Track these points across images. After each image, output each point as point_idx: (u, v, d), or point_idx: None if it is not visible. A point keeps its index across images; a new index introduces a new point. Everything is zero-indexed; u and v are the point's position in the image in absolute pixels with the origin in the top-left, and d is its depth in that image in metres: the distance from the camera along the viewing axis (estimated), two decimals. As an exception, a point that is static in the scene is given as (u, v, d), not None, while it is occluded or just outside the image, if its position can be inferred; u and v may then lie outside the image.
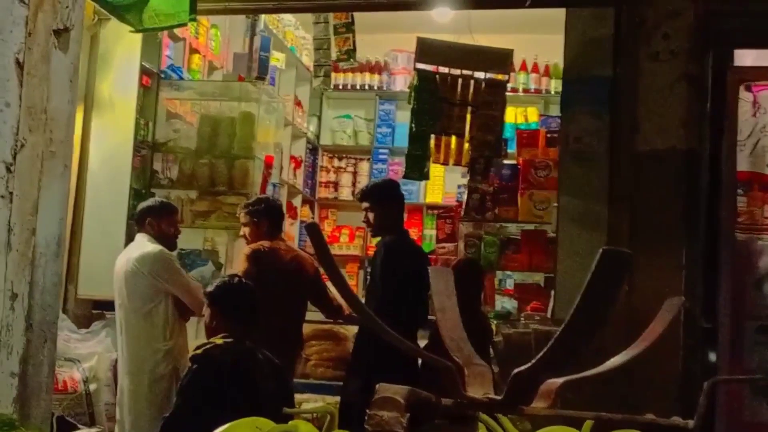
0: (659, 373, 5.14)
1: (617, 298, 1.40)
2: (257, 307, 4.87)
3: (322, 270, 6.28)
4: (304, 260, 6.41)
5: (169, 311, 6.21)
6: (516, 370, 1.51)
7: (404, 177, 7.40)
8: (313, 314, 6.73)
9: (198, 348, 4.68)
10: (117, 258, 6.39)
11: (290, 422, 2.03)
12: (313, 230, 1.51)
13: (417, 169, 7.19)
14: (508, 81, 7.92)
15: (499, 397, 1.55)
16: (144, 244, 6.33)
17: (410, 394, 1.47)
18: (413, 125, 7.15)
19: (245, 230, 6.48)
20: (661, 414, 1.63)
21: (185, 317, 6.33)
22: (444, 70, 7.22)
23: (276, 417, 2.26)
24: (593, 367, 1.74)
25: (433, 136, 7.31)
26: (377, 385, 1.48)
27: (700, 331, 5.31)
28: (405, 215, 6.71)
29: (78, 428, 5.86)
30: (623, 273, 1.40)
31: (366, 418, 1.46)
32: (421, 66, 7.21)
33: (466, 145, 7.54)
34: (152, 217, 6.38)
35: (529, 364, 1.49)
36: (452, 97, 7.23)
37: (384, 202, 6.16)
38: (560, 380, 1.57)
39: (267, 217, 6.42)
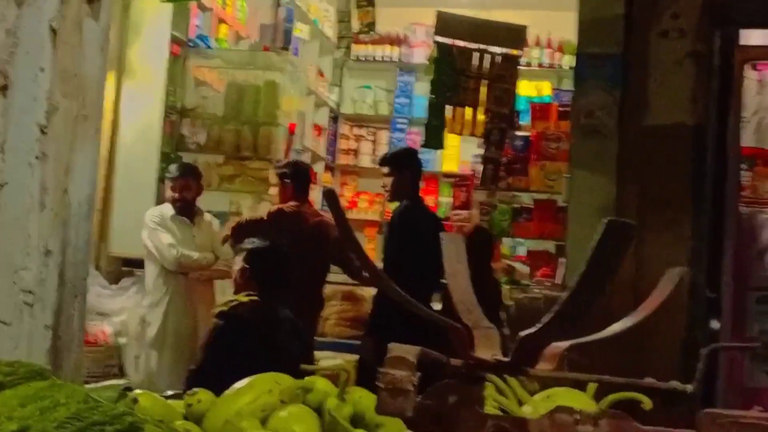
0: (665, 340, 5.14)
1: (620, 267, 1.41)
2: (288, 272, 4.89)
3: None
4: (328, 225, 6.42)
5: (155, 270, 6.47)
6: (522, 333, 1.51)
7: (423, 146, 7.40)
8: (332, 275, 6.76)
9: (223, 304, 4.71)
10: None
11: (307, 378, 2.04)
12: (330, 196, 1.51)
13: (435, 139, 7.21)
14: (521, 56, 7.92)
15: (506, 359, 1.56)
16: (153, 209, 6.66)
17: (421, 354, 1.48)
18: (433, 96, 7.15)
19: (274, 191, 6.60)
20: (665, 379, 1.63)
21: (183, 273, 6.46)
22: (461, 43, 7.22)
23: (295, 374, 2.28)
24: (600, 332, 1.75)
25: (449, 107, 7.31)
26: (389, 345, 1.49)
27: (705, 300, 5.31)
28: (422, 183, 6.69)
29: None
30: (627, 244, 1.41)
31: (378, 375, 1.47)
32: (440, 39, 7.19)
33: (481, 117, 7.54)
34: (173, 181, 6.51)
35: (535, 328, 1.50)
36: (468, 70, 7.24)
37: (402, 168, 6.16)
38: (565, 344, 1.58)
39: (294, 179, 6.46)
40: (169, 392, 2.62)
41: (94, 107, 3.22)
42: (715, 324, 5.34)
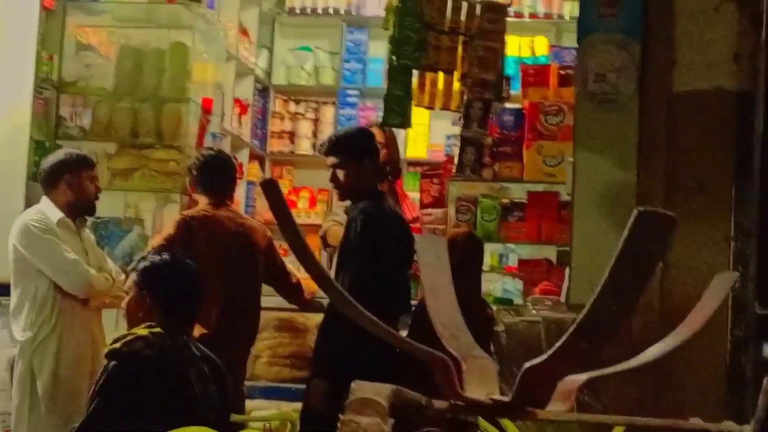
0: (701, 370, 5.18)
1: (654, 271, 1.41)
2: (198, 291, 4.87)
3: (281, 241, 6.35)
4: (254, 230, 6.42)
5: (38, 293, 6.25)
6: (528, 364, 1.51)
7: (383, 124, 7.39)
8: (264, 300, 6.75)
9: (116, 341, 4.66)
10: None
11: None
12: (270, 187, 1.50)
13: (398, 114, 7.19)
14: (510, 4, 7.94)
15: (506, 398, 1.56)
16: (29, 212, 6.42)
17: (394, 395, 1.47)
18: (394, 57, 7.13)
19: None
20: (704, 419, 1.64)
21: (81, 301, 6.35)
22: (430, -14, 7.24)
23: (217, 426, 2.27)
24: (617, 362, 1.75)
25: (415, 72, 7.31)
26: (353, 384, 1.49)
27: (753, 318, 5.35)
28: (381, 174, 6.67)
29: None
30: (663, 240, 1.41)
31: (339, 425, 1.46)
32: (402, -20, 7.21)
33: (457, 85, 7.56)
34: (71, 174, 6.37)
35: (545, 357, 1.50)
36: (440, 23, 7.23)
37: (356, 156, 6.12)
38: (583, 377, 1.58)
39: (208, 176, 6.44)
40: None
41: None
42: (767, 348, 5.39)
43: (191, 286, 4.85)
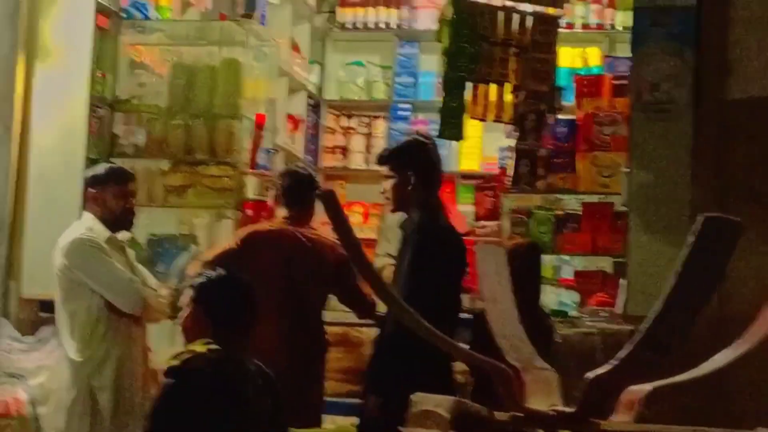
0: (759, 385, 5.13)
1: (722, 278, 1.38)
2: (254, 307, 4.86)
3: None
4: (323, 247, 6.36)
5: (91, 312, 6.23)
6: (593, 374, 1.48)
7: (438, 137, 7.36)
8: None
9: (174, 357, 4.67)
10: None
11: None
12: (328, 199, 1.49)
13: (454, 126, 7.17)
14: (561, 15, 7.90)
15: (570, 410, 1.53)
16: (76, 228, 6.37)
17: (456, 407, 1.45)
18: (449, 69, 7.11)
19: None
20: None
21: (136, 319, 6.34)
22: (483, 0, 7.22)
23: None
24: (674, 372, 1.72)
25: (468, 85, 7.29)
26: (413, 396, 1.46)
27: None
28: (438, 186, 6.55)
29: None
30: (730, 245, 1.38)
31: (399, 437, 1.44)
32: (457, -6, 7.19)
33: (508, 96, 7.52)
34: (95, 189, 6.37)
35: (611, 366, 1.47)
36: (493, 35, 7.22)
37: (409, 167, 6.07)
38: (648, 386, 1.55)
39: (287, 192, 6.51)
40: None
41: (3, 99, 3.20)
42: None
43: (246, 302, 4.85)
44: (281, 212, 6.56)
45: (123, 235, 6.51)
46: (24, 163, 7.30)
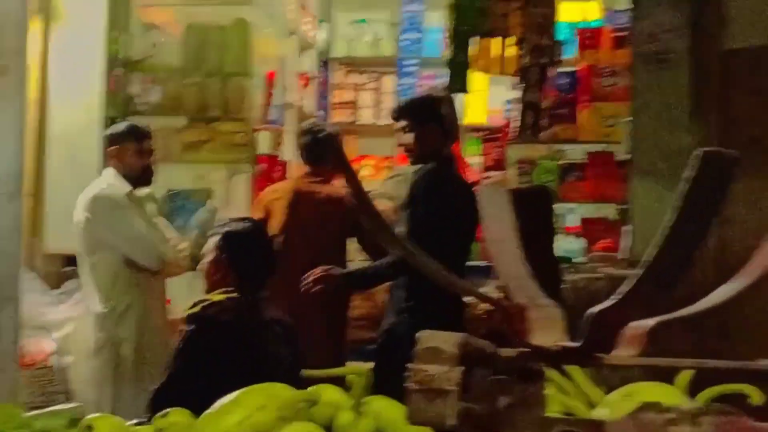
0: (761, 322, 5.11)
1: (720, 212, 1.36)
2: (273, 259, 4.88)
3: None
4: (334, 199, 6.37)
5: (113, 266, 6.24)
6: (596, 309, 1.47)
7: (448, 89, 7.33)
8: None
9: (194, 305, 4.67)
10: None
11: (312, 387, 2.01)
12: (329, 140, 1.46)
13: (462, 79, 7.15)
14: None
15: (574, 344, 1.51)
16: (97, 183, 6.38)
17: (462, 343, 1.43)
18: (456, 24, 7.07)
19: None
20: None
21: (155, 272, 6.34)
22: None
23: (292, 384, 2.24)
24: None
25: (472, 39, 7.26)
26: (419, 333, 1.45)
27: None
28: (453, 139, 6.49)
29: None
30: (728, 179, 1.36)
31: (408, 374, 1.42)
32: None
33: (510, 50, 7.49)
34: (115, 146, 6.36)
35: (613, 302, 1.45)
36: (498, -11, 7.20)
37: (425, 119, 6.01)
38: (650, 322, 1.53)
39: (300, 149, 6.52)
40: (135, 420, 2.59)
41: (16, 56, 3.18)
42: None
43: (267, 253, 4.87)
44: (303, 168, 6.58)
45: (142, 191, 6.50)
46: (43, 122, 7.31)
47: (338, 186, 6.45)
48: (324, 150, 6.47)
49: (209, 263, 4.85)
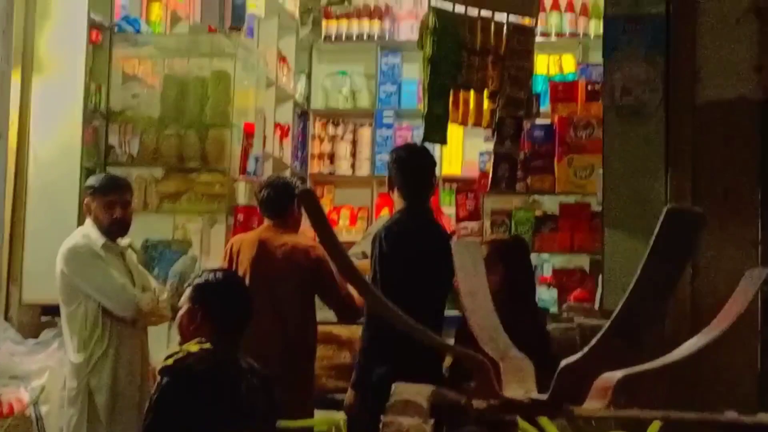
0: (732, 370, 5.14)
1: (686, 267, 1.38)
2: (248, 308, 4.88)
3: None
4: (298, 251, 6.39)
5: (88, 316, 6.23)
6: (564, 362, 1.49)
7: (425, 140, 7.38)
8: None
9: (168, 357, 4.66)
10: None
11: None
12: (307, 198, 1.49)
13: (439, 131, 7.17)
14: (535, 26, 7.94)
15: (543, 397, 1.53)
16: (74, 235, 6.40)
17: (434, 396, 1.45)
18: (432, 77, 7.10)
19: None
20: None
21: (134, 322, 6.34)
22: (461, 9, 7.23)
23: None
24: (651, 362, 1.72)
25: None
26: (394, 385, 1.46)
27: (782, 319, 5.30)
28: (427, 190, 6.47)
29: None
30: (694, 236, 1.39)
31: (381, 426, 1.43)
32: (438, 4, 7.19)
33: (487, 102, 7.54)
34: (88, 198, 6.38)
35: (581, 354, 1.47)
36: (472, 43, 7.24)
37: (390, 172, 6.10)
38: (618, 374, 1.55)
39: (264, 202, 6.60)
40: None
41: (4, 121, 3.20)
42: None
43: (241, 303, 4.86)
44: (266, 221, 6.64)
45: (125, 241, 6.50)
46: (23, 172, 7.30)
47: (302, 237, 6.49)
48: (284, 202, 6.53)
49: (184, 315, 4.84)
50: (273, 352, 5.82)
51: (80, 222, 7.11)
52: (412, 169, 6.03)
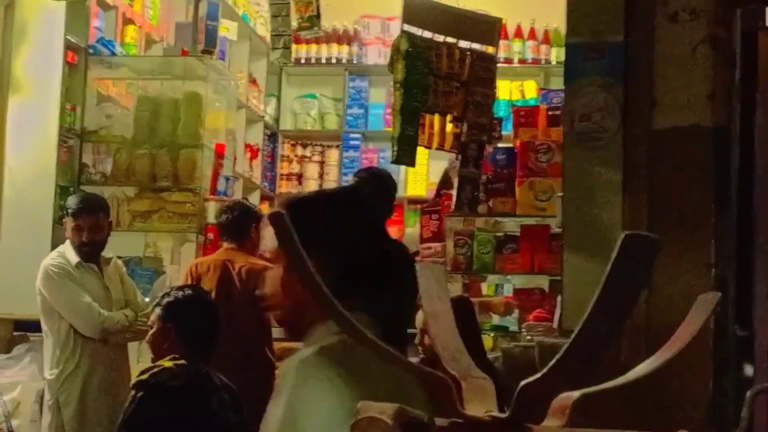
0: (686, 391, 5.15)
1: (642, 290, 1.40)
2: (217, 324, 4.88)
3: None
4: (254, 273, 6.44)
5: (61, 332, 6.25)
6: (524, 382, 1.50)
7: (396, 162, 7.40)
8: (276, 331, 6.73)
9: (143, 373, 4.65)
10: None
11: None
12: (277, 220, 1.49)
13: (409, 153, 7.19)
14: (496, 54, 8.00)
15: (503, 415, 1.54)
16: (51, 255, 6.46)
17: (399, 413, 1.45)
18: (404, 100, 7.11)
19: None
20: (691, 433, 1.62)
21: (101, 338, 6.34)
22: (428, 35, 7.27)
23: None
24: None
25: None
26: (359, 404, 1.47)
27: (734, 340, 5.32)
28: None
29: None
30: (649, 260, 1.40)
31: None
32: (409, 28, 7.22)
33: (450, 126, 7.57)
34: (66, 219, 6.41)
35: (540, 374, 1.48)
36: (438, 69, 7.27)
37: None
38: (576, 393, 1.56)
39: (219, 226, 6.77)
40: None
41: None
42: (748, 369, 5.35)
43: (211, 319, 4.86)
44: (225, 244, 6.71)
45: (108, 255, 6.54)
46: (-3, 189, 7.29)
47: (259, 259, 6.54)
48: (241, 226, 6.58)
49: (154, 334, 4.83)
50: (232, 370, 5.84)
51: (54, 239, 7.12)
52: (374, 192, 6.10)
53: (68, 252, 6.33)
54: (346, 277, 2.43)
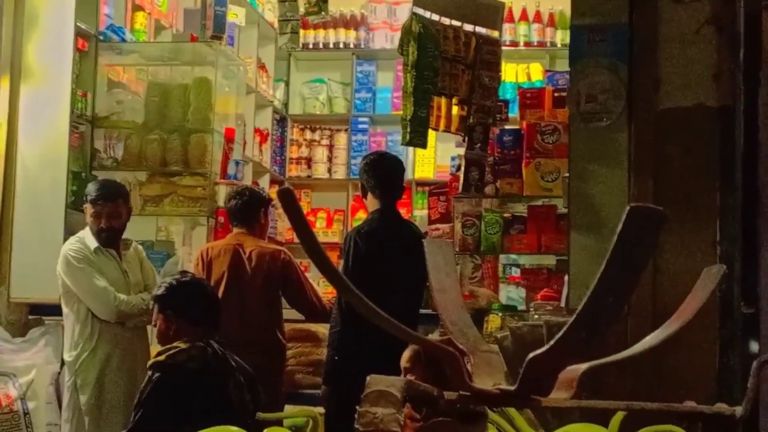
0: (692, 367, 5.15)
1: (648, 263, 1.40)
2: (215, 304, 4.90)
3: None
4: (264, 256, 6.49)
5: (80, 316, 6.28)
6: (531, 355, 1.49)
7: (409, 144, 7.38)
8: (287, 312, 6.75)
9: (159, 354, 4.66)
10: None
11: (267, 430, 2.01)
12: (286, 196, 1.49)
13: (421, 135, 7.16)
14: (500, 37, 7.97)
15: (511, 388, 1.54)
16: (71, 240, 6.48)
17: (407, 387, 1.45)
18: (415, 82, 7.08)
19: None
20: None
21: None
22: (435, 18, 7.25)
23: (249, 428, 2.25)
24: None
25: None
26: (368, 377, 1.46)
27: (739, 317, 5.31)
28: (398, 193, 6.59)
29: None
30: (654, 232, 1.39)
31: (356, 416, 1.44)
32: (418, 11, 7.20)
33: (455, 109, 7.55)
34: (85, 204, 6.41)
35: (547, 347, 1.48)
36: (446, 52, 7.25)
37: (361, 178, 6.32)
38: (583, 366, 1.56)
39: (233, 211, 6.76)
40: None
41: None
42: (753, 345, 5.34)
43: (208, 299, 4.89)
44: (235, 229, 6.76)
45: (131, 241, 6.63)
46: (11, 176, 7.28)
47: (269, 242, 6.60)
48: (249, 212, 6.62)
49: (159, 328, 4.86)
50: (243, 352, 5.87)
51: (66, 224, 7.13)
52: (384, 174, 6.22)
53: (87, 237, 6.35)
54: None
